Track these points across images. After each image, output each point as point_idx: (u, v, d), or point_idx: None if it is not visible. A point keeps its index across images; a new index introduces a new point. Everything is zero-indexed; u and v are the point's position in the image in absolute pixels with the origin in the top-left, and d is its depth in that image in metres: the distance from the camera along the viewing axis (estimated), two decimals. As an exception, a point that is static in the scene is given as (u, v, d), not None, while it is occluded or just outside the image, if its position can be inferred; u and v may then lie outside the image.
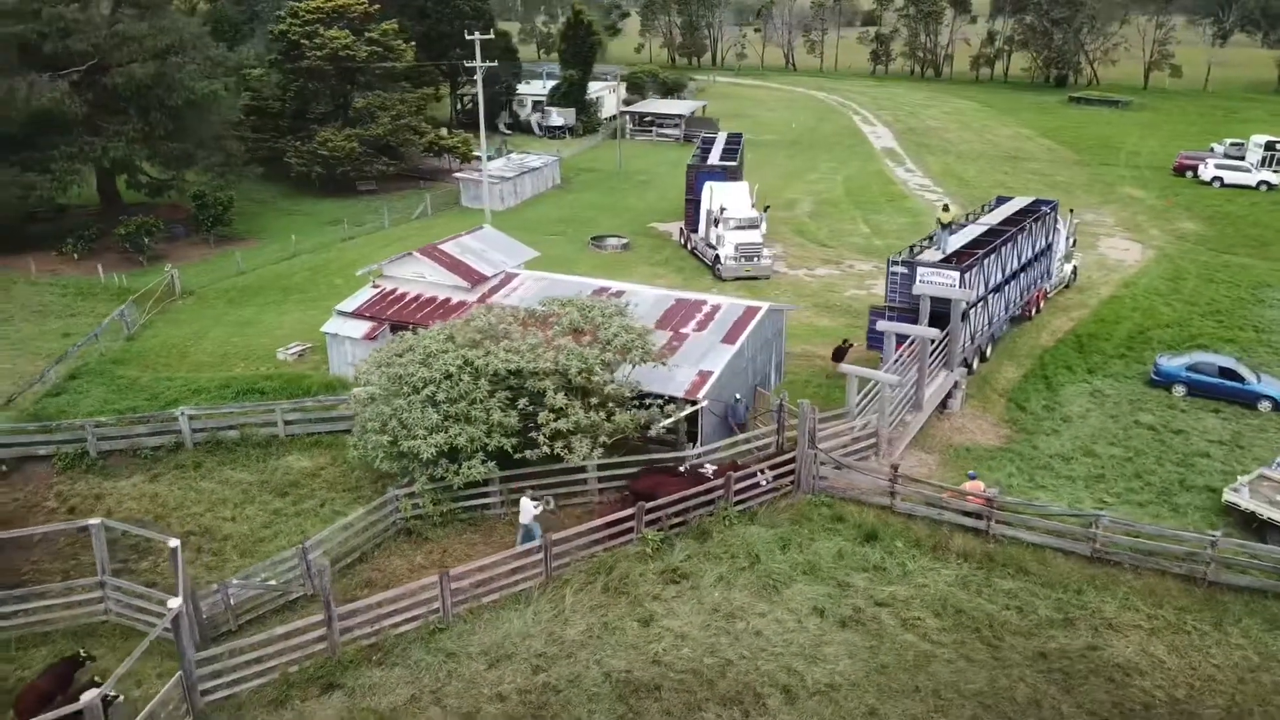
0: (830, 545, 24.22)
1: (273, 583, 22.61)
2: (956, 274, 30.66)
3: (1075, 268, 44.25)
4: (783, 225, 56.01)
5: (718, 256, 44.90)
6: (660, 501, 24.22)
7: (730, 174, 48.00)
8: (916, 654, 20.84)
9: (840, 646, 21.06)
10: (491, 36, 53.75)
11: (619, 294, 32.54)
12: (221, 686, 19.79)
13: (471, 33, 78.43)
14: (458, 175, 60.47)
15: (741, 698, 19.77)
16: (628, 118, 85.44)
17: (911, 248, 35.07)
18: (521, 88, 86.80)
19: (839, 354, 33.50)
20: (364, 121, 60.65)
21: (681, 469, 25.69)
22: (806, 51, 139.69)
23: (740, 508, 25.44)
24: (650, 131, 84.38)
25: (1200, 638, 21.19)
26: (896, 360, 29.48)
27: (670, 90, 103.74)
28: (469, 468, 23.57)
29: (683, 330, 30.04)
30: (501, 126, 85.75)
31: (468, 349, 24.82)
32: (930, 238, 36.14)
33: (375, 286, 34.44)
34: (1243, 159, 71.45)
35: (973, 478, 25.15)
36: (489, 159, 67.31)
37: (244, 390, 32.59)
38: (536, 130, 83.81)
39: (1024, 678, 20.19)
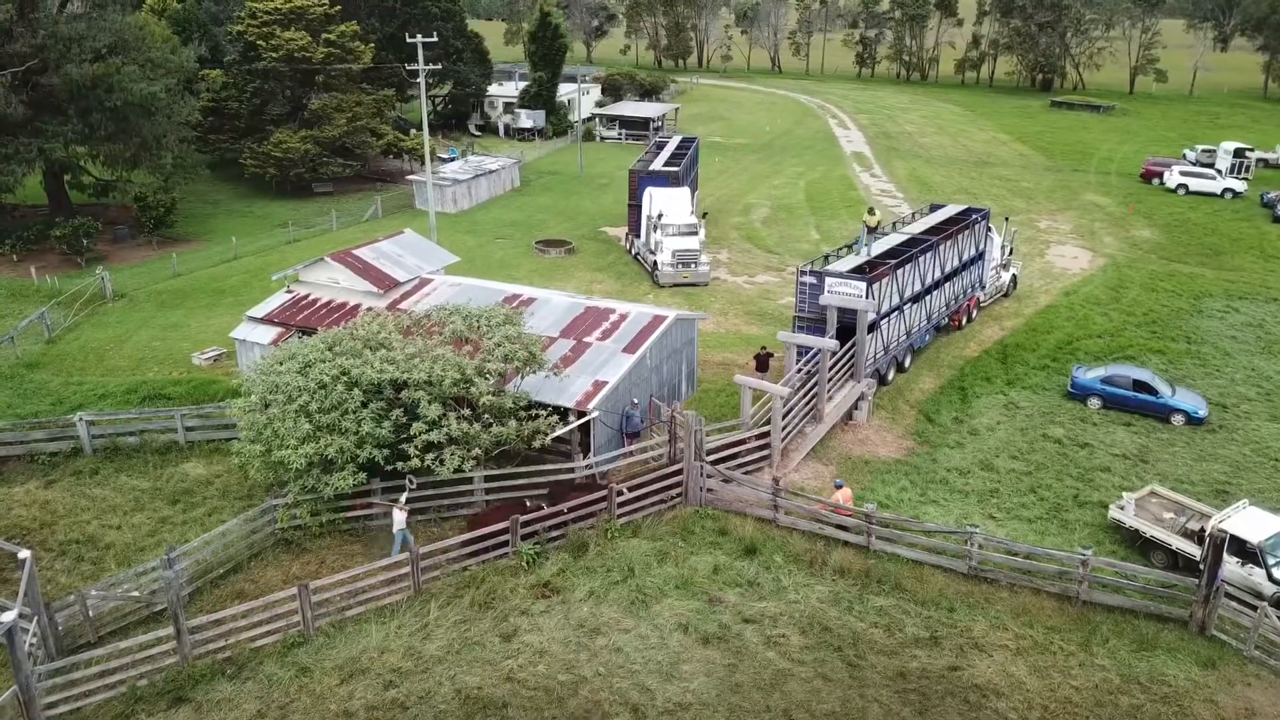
0: (709, 559, 23.99)
1: (136, 594, 22.40)
2: (863, 285, 30.36)
3: (1014, 276, 43.92)
4: (734, 231, 55.76)
5: (656, 263, 44.64)
6: (535, 515, 24.04)
7: (672, 180, 47.72)
8: (774, 673, 20.58)
9: (698, 664, 20.81)
10: (434, 39, 53.30)
11: (529, 301, 32.38)
12: (65, 701, 19.59)
13: (443, 33, 78.89)
14: (410, 178, 60.23)
15: (589, 716, 19.54)
16: (598, 120, 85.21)
17: (826, 256, 34.80)
18: (493, 89, 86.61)
19: (761, 363, 33.24)
20: (320, 123, 60.45)
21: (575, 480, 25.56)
22: (792, 54, 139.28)
23: (624, 520, 25.23)
24: (620, 135, 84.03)
25: (1065, 658, 20.89)
26: (799, 372, 29.21)
27: (648, 92, 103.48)
28: (340, 479, 23.33)
29: (586, 339, 29.79)
30: (472, 128, 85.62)
31: (346, 358, 24.60)
32: (850, 245, 35.82)
33: (289, 292, 34.25)
34: (1213, 166, 71.10)
35: (839, 486, 24.93)
36: (449, 160, 67.24)
37: (151, 395, 32.42)
38: (502, 132, 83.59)
39: (879, 698, 19.92)
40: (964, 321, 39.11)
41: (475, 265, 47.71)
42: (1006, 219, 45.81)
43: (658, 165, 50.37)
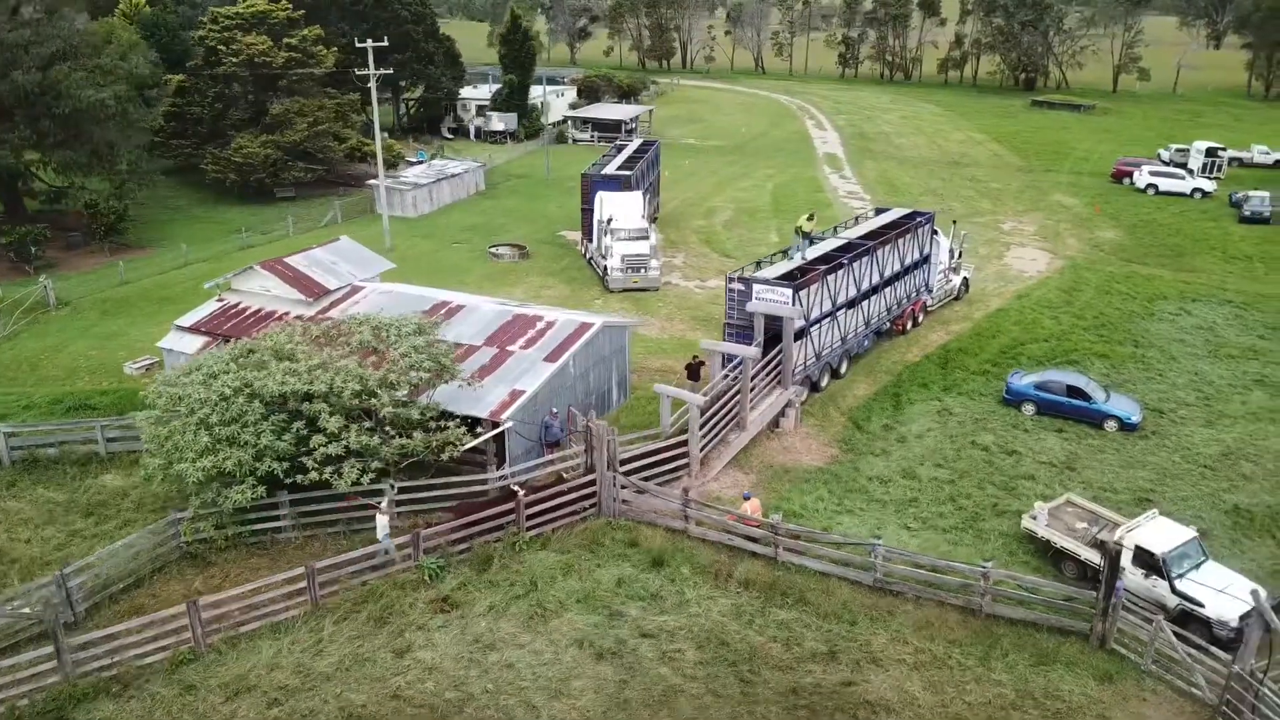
0: (614, 572, 23.70)
1: (26, 610, 22.12)
2: (789, 291, 30.05)
3: (966, 279, 43.59)
4: (694, 235, 55.47)
5: (606, 268, 44.36)
6: (437, 528, 23.79)
7: (624, 184, 47.42)
8: (665, 689, 20.30)
9: (590, 680, 20.54)
10: (385, 43, 53.05)
11: (458, 309, 32.11)
12: (-60, 721, 19.36)
13: (414, 36, 78.65)
14: (370, 182, 59.97)
15: (471, 734, 19.29)
16: (570, 123, 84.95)
17: (759, 262, 34.49)
18: (467, 92, 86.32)
19: (693, 371, 32.91)
20: (281, 128, 60.18)
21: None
22: (775, 55, 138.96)
23: (535, 532, 24.95)
24: (592, 137, 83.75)
25: (962, 673, 20.61)
26: (723, 379, 28.92)
27: (626, 94, 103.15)
28: (239, 492, 23.05)
29: (509, 348, 29.51)
30: (445, 131, 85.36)
31: (251, 370, 24.34)
32: (785, 251, 35.50)
33: (220, 300, 33.99)
34: (1185, 165, 70.75)
35: (748, 498, 24.66)
36: (417, 163, 66.97)
37: (77, 406, 32.17)
38: (473, 135, 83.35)
39: (768, 715, 19.65)
40: (909, 326, 38.78)
41: (427, 270, 47.46)
42: (954, 222, 45.48)
43: (611, 169, 50.08)
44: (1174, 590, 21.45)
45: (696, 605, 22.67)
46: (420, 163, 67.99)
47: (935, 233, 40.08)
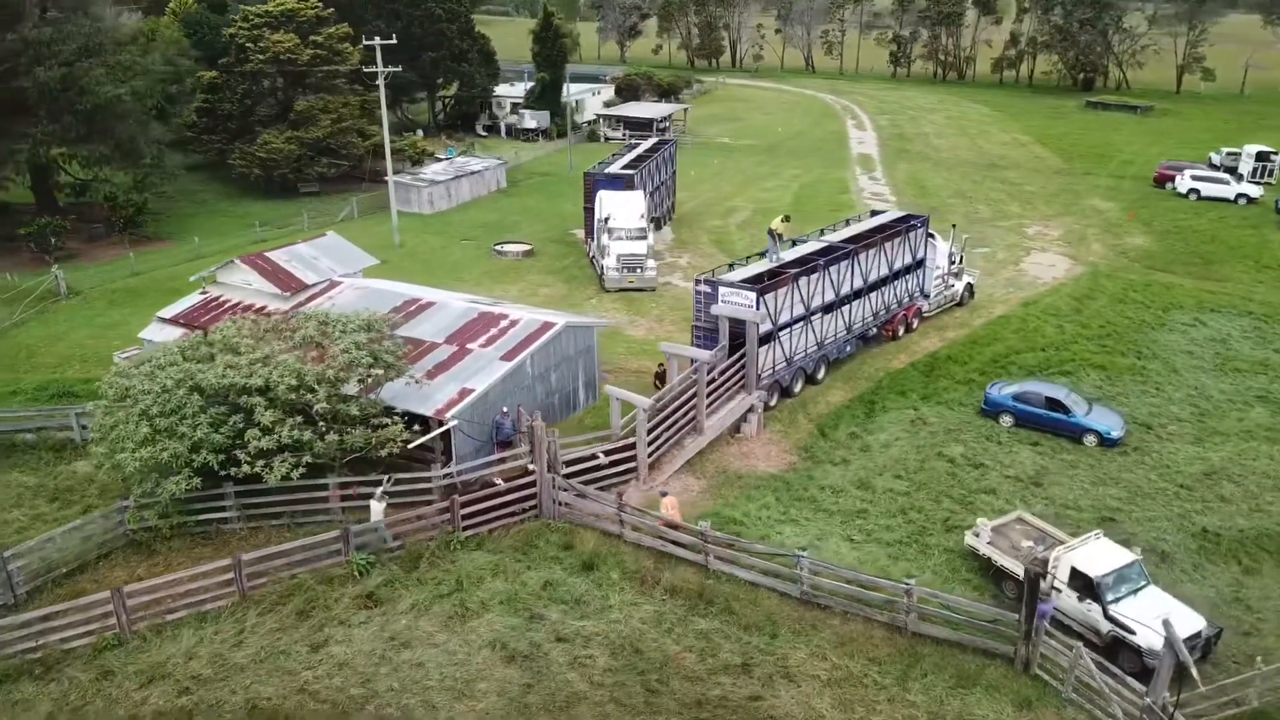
0: (543, 575, 23.52)
1: (-45, 592, 22.76)
2: (753, 295, 29.52)
3: (970, 285, 42.41)
4: (706, 235, 55.02)
5: (603, 267, 44.21)
6: (364, 525, 23.89)
7: (626, 183, 47.17)
8: (569, 695, 20.06)
9: (495, 683, 20.39)
10: (393, 42, 53.63)
11: (428, 305, 32.25)
12: None
13: (448, 34, 79.41)
14: (388, 178, 60.56)
15: (368, 732, 19.29)
16: (602, 121, 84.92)
17: (732, 264, 33.97)
18: (501, 89, 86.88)
19: (663, 376, 32.52)
20: (305, 124, 61.21)
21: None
22: (824, 54, 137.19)
23: (472, 532, 24.89)
24: (624, 135, 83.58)
25: (876, 692, 19.99)
26: (681, 382, 28.53)
27: (666, 93, 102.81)
28: (174, 483, 23.42)
29: (469, 345, 29.53)
30: (479, 129, 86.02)
31: (196, 363, 24.72)
32: (762, 253, 34.89)
33: (204, 293, 34.64)
34: (1235, 170, 68.02)
35: (665, 495, 24.29)
36: (446, 159, 67.57)
37: (60, 394, 33.05)
38: (504, 133, 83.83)
39: (668, 727, 19.30)
40: (900, 332, 37.84)
41: (428, 267, 47.91)
42: (954, 226, 44.24)
43: (615, 168, 49.87)
44: (1106, 615, 20.52)
45: (618, 611, 22.37)
46: (448, 159, 68.57)
47: (932, 236, 39.07)
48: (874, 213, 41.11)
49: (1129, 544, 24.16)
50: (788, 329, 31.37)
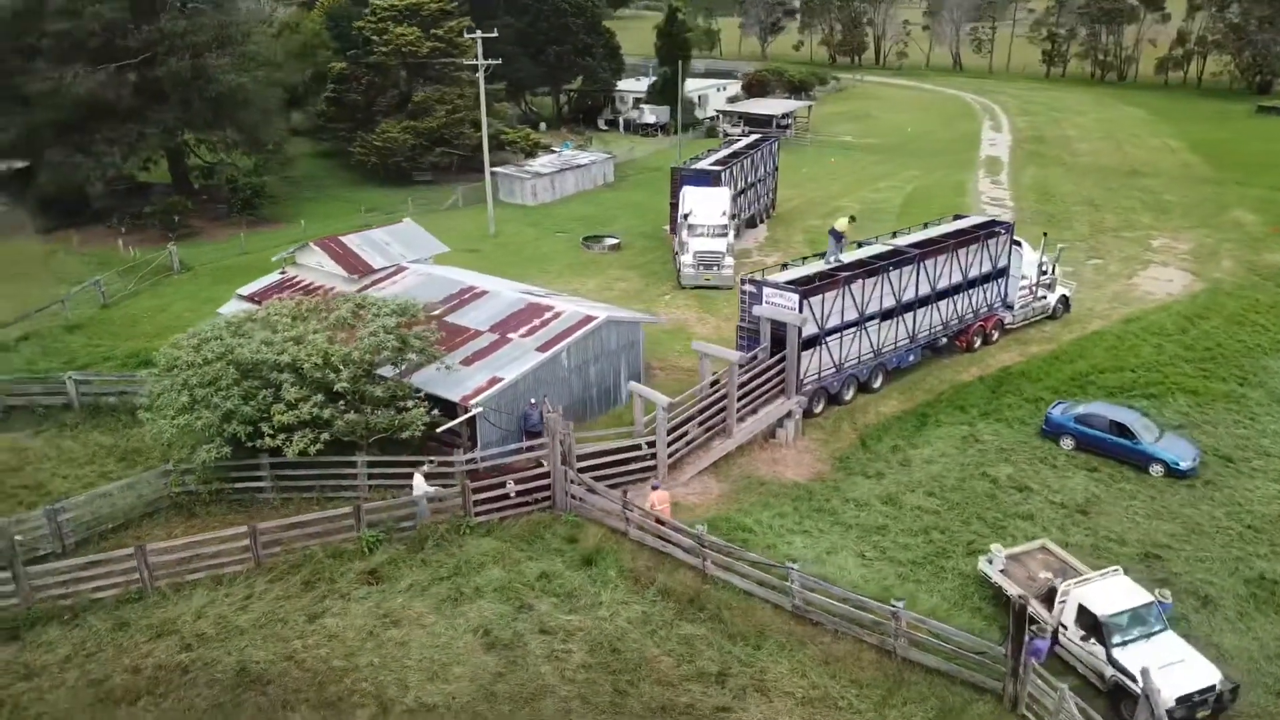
0: (542, 565, 23.62)
1: (19, 537, 24.68)
2: (796, 297, 28.68)
3: (1065, 298, 39.90)
4: (802, 235, 53.84)
5: (681, 263, 43.96)
6: (377, 504, 24.59)
7: (713, 179, 46.64)
8: (537, 688, 20.09)
9: (471, 668, 20.63)
10: (492, 34, 54.46)
11: (481, 294, 32.87)
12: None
13: (573, 29, 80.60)
14: (496, 170, 61.97)
15: (338, 704, 19.85)
16: (721, 117, 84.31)
17: (785, 264, 33.05)
18: (623, 84, 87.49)
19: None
20: (422, 115, 63.37)
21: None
22: (973, 51, 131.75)
23: (484, 518, 25.24)
24: (743, 131, 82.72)
25: (850, 717, 19.15)
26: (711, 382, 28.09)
27: (796, 89, 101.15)
28: (205, 451, 24.74)
29: (510, 335, 29.91)
30: (601, 123, 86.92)
31: (238, 338, 26.02)
32: (821, 255, 33.79)
33: (282, 273, 36.38)
34: None
35: (655, 488, 23.85)
36: (560, 153, 68.67)
37: (146, 361, 35.27)
38: (622, 128, 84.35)
39: (628, 729, 19.07)
40: (977, 343, 36.00)
41: (516, 258, 48.83)
42: (1045, 234, 41.62)
43: (704, 164, 49.39)
44: (1109, 659, 18.95)
45: (607, 609, 22.21)
46: (560, 153, 69.60)
47: (1017, 244, 36.97)
48: (957, 216, 39.22)
49: (1166, 584, 22.38)
50: (837, 334, 30.33)
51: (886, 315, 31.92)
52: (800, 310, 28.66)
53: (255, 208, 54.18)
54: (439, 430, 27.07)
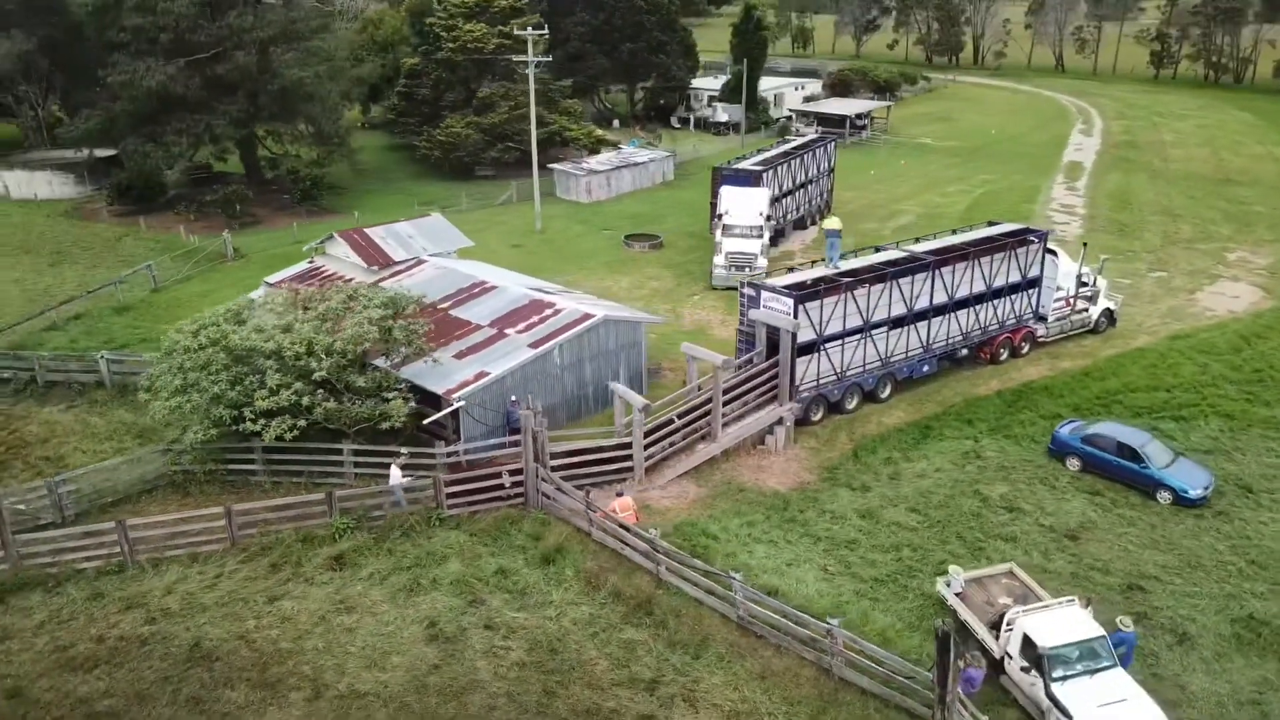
0: (501, 562, 23.73)
1: (21, 507, 26.06)
2: (791, 302, 28.03)
3: (1110, 311, 37.95)
4: (852, 239, 52.43)
5: (714, 263, 43.51)
6: (350, 492, 25.06)
7: (753, 179, 45.94)
8: (468, 682, 20.20)
9: (409, 658, 20.88)
10: (544, 31, 54.72)
11: (490, 289, 33.19)
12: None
13: (648, 26, 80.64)
14: (552, 166, 62.41)
15: (276, 685, 20.32)
16: (794, 116, 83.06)
17: (791, 267, 32.27)
18: (698, 82, 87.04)
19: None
20: (486, 110, 64.32)
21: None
22: (1076, 52, 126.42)
23: (456, 511, 25.48)
24: (816, 131, 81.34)
25: (713, 735, 18.66)
26: (696, 385, 27.72)
27: (881, 89, 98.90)
28: (194, 432, 25.67)
29: (507, 331, 30.13)
30: (674, 121, 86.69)
31: (232, 324, 26.90)
32: (829, 259, 32.87)
33: (310, 262, 37.45)
34: None
35: (620, 495, 23.57)
36: (631, 149, 68.86)
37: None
38: (693, 125, 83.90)
39: (547, 731, 18.99)
40: (1003, 355, 34.58)
41: (558, 254, 49.23)
42: (1085, 244, 39.55)
43: (748, 164, 48.70)
44: (1047, 693, 17.95)
45: (556, 608, 22.17)
46: (625, 150, 69.69)
47: (1053, 253, 35.33)
48: (990, 223, 37.71)
49: (1145, 618, 21.14)
50: (838, 341, 29.54)
51: (897, 323, 30.93)
52: (795, 315, 28.01)
53: (315, 198, 55.89)
54: (425, 422, 27.49)
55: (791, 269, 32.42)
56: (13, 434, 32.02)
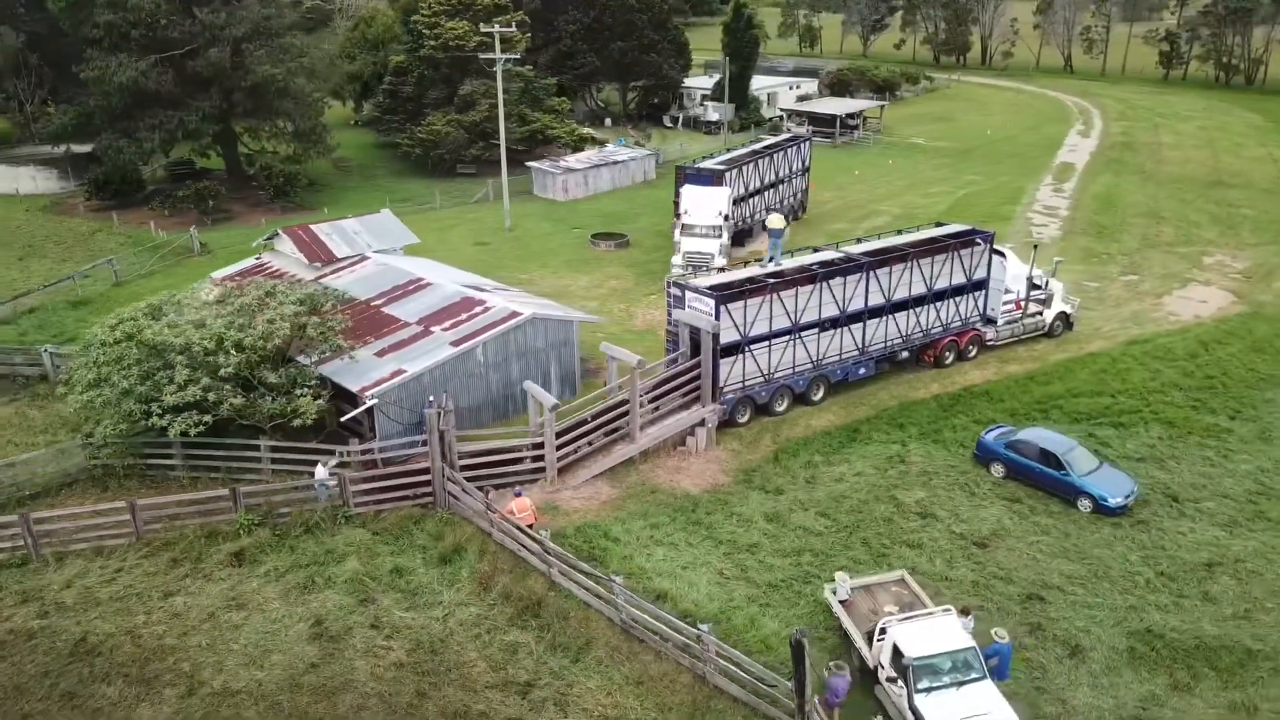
0: (399, 561, 23.62)
1: None
2: (712, 303, 27.70)
3: (1066, 315, 37.29)
4: (823, 238, 51.99)
5: (671, 263, 43.19)
6: (260, 488, 25.01)
7: (715, 179, 45.55)
8: (342, 682, 20.10)
9: (290, 657, 20.79)
10: (512, 29, 54.59)
11: (425, 286, 33.07)
12: None
13: (638, 24, 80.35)
14: (530, 164, 62.26)
15: (153, 681, 20.29)
16: (786, 115, 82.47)
17: (722, 268, 31.87)
18: (690, 81, 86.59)
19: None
20: (467, 108, 64.25)
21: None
22: (1084, 52, 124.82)
23: (363, 509, 25.35)
24: (808, 130, 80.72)
25: (642, 742, 18.41)
26: (615, 385, 27.45)
27: (881, 89, 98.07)
28: (104, 427, 25.69)
29: (433, 328, 29.98)
30: (666, 120, 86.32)
31: (148, 319, 26.92)
32: (773, 258, 32.42)
33: (257, 259, 37.48)
34: None
35: (519, 495, 23.35)
36: (617, 147, 68.64)
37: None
38: (681, 124, 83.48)
39: (413, 732, 18.83)
40: (948, 359, 34.08)
41: (524, 253, 49.17)
42: (1035, 246, 38.85)
43: (712, 163, 48.29)
44: (910, 704, 17.56)
45: (444, 609, 22.03)
46: (610, 148, 69.44)
47: (1001, 255, 34.78)
48: (938, 224, 37.16)
49: (1038, 629, 20.73)
50: (764, 343, 29.18)
51: (829, 325, 30.52)
52: (717, 316, 27.68)
53: (288, 194, 56.01)
54: (342, 420, 27.40)
55: (722, 269, 32.04)
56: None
